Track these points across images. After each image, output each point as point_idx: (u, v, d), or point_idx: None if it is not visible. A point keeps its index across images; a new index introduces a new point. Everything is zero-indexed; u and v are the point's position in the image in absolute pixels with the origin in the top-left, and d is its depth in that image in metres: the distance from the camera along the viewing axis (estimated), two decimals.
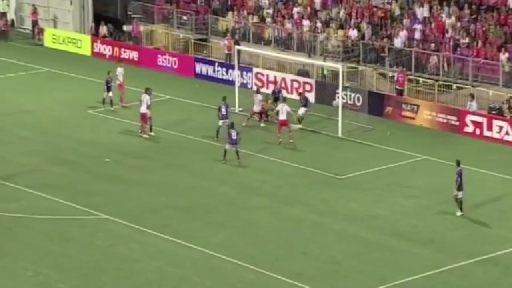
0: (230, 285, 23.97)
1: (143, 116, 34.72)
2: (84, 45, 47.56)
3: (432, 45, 39.78)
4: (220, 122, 34.21)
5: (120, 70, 39.31)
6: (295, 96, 38.40)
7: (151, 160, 33.01)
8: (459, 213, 27.86)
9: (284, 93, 38.29)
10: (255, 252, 25.74)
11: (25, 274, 24.45)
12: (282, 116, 34.39)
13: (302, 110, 35.47)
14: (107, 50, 46.41)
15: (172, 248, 25.95)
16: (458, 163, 27.86)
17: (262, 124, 35.94)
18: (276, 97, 37.05)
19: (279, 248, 26.05)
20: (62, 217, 28.07)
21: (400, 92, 38.79)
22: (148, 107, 34.73)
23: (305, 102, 36.27)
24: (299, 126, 33.71)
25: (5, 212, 28.19)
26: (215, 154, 33.12)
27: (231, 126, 32.43)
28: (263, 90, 38.63)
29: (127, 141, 34.76)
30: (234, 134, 32.13)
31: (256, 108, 36.24)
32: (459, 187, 27.65)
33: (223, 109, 34.41)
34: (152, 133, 34.79)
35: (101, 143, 34.53)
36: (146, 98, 34.78)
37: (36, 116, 37.91)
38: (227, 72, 42.10)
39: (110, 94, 37.98)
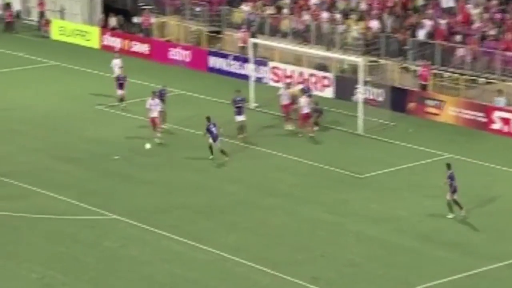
0: None
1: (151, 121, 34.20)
2: (92, 37, 47.70)
3: (458, 37, 39.61)
4: (240, 117, 34.04)
5: (116, 62, 39.22)
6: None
7: (162, 157, 33.05)
8: (450, 216, 27.72)
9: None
10: (270, 254, 25.73)
11: (30, 276, 24.55)
12: (306, 110, 34.38)
13: (317, 114, 35.40)
14: (116, 42, 46.51)
15: (184, 250, 25.99)
16: (449, 167, 27.83)
17: (290, 127, 35.40)
18: (309, 95, 36.54)
19: (296, 251, 26.03)
20: (69, 217, 28.16)
21: (423, 87, 38.66)
22: (155, 109, 33.94)
23: (319, 113, 35.87)
24: (148, 146, 32.55)
25: (11, 211, 28.33)
26: (230, 151, 33.14)
27: (208, 119, 32.18)
28: (282, 84, 38.58)
29: (137, 138, 34.80)
30: (214, 129, 31.93)
31: (284, 101, 35.72)
32: (455, 190, 27.58)
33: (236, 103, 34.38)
34: (158, 134, 34.01)
35: (110, 140, 34.62)
36: (151, 103, 34.21)
37: (43, 112, 38.06)
38: (242, 66, 42.11)
39: (121, 91, 37.85)
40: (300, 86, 37.59)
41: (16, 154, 33.27)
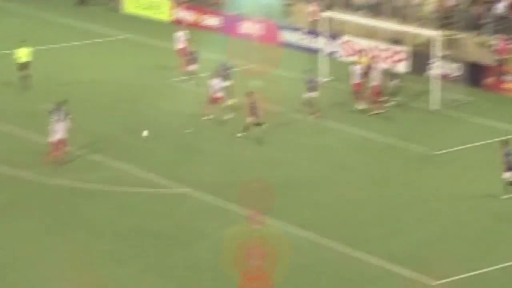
0: (312, 266, 23.69)
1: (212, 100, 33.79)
2: (164, 10, 47.71)
3: None
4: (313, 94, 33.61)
5: (180, 34, 39.07)
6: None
7: (233, 132, 32.87)
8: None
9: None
10: (343, 231, 25.41)
11: (101, 248, 24.67)
12: (375, 82, 33.85)
13: (393, 82, 34.85)
14: (188, 16, 46.44)
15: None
16: (506, 143, 26.90)
17: (361, 106, 34.22)
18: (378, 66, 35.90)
19: (369, 228, 25.66)
20: (140, 189, 28.23)
21: (501, 62, 37.66)
22: (218, 90, 33.51)
23: (395, 78, 35.22)
24: (146, 133, 31.30)
25: (82, 183, 28.52)
26: (300, 127, 32.78)
27: (250, 95, 31.64)
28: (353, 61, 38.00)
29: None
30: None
31: (356, 79, 35.09)
32: (509, 168, 26.70)
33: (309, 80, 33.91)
34: (211, 116, 33.23)
35: (182, 113, 34.60)
36: (213, 82, 33.84)
37: (115, 85, 38.24)
38: (313, 40, 41.59)
39: (194, 66, 37.67)
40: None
41: (90, 126, 33.44)
